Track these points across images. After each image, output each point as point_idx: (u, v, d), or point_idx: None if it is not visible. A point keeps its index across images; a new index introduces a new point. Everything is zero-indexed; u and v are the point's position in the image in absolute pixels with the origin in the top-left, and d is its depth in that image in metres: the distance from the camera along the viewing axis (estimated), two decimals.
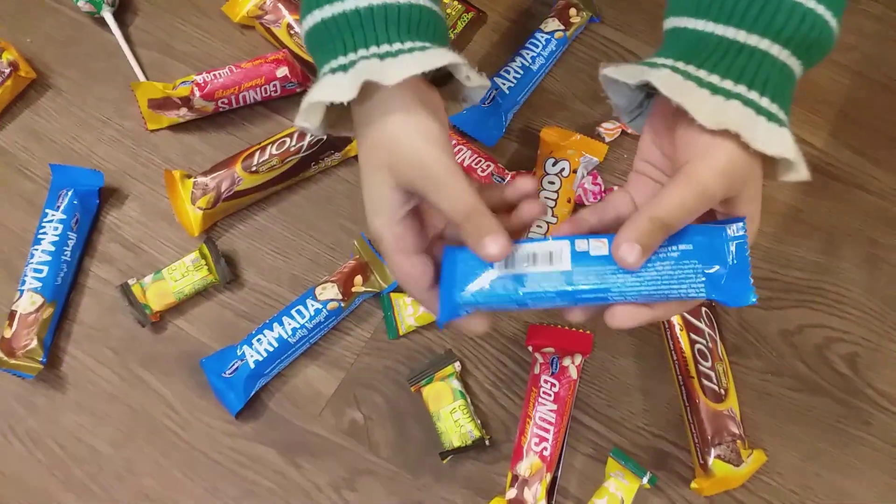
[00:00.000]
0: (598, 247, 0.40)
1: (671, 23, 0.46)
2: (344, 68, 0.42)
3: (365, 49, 0.43)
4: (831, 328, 0.69)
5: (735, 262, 0.39)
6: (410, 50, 0.42)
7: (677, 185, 0.40)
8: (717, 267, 0.39)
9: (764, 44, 0.41)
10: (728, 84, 0.40)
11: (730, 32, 0.42)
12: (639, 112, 0.50)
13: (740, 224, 0.40)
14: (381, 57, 0.42)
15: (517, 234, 0.44)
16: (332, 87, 0.42)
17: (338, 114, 0.46)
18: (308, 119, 0.43)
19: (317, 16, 0.45)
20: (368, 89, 0.42)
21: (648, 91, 0.47)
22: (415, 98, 0.42)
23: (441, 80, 0.48)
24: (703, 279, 0.39)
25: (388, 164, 0.42)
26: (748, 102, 0.40)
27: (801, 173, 0.41)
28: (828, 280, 0.71)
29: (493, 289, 0.40)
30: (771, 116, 0.40)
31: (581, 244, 0.41)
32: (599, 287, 0.39)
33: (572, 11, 0.77)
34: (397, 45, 0.42)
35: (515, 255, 0.41)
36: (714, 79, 0.41)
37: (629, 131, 0.74)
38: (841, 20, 0.43)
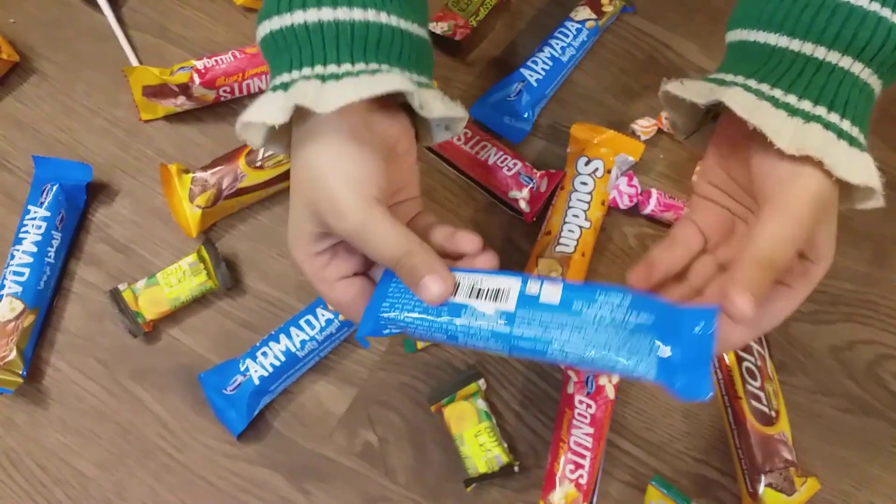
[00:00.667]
0: (550, 292, 0.36)
1: (736, 35, 0.42)
2: (284, 87, 0.38)
3: (310, 68, 0.38)
4: (883, 344, 0.64)
5: (697, 350, 0.34)
6: (358, 73, 0.38)
7: (772, 218, 0.36)
8: (670, 351, 0.34)
9: (845, 62, 0.38)
10: (806, 105, 0.37)
11: (807, 48, 0.38)
12: (696, 129, 0.46)
13: (712, 312, 0.35)
14: (324, 79, 0.38)
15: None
16: (267, 107, 0.38)
17: (281, 128, 0.41)
18: (247, 135, 0.40)
19: (266, 27, 0.41)
20: (305, 111, 0.37)
21: (709, 108, 0.43)
22: (351, 131, 0.38)
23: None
24: (656, 359, 0.34)
25: (309, 201, 0.39)
26: (829, 126, 0.37)
27: (879, 201, 0.39)
28: (878, 292, 0.66)
29: (424, 315, 0.37)
30: (852, 141, 0.37)
31: (533, 286, 0.37)
32: (540, 338, 0.35)
33: (604, 0, 0.71)
34: (346, 67, 0.38)
35: (461, 283, 0.38)
36: (791, 99, 0.38)
37: (666, 129, 0.68)
38: None
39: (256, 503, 0.59)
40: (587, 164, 0.65)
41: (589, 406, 0.58)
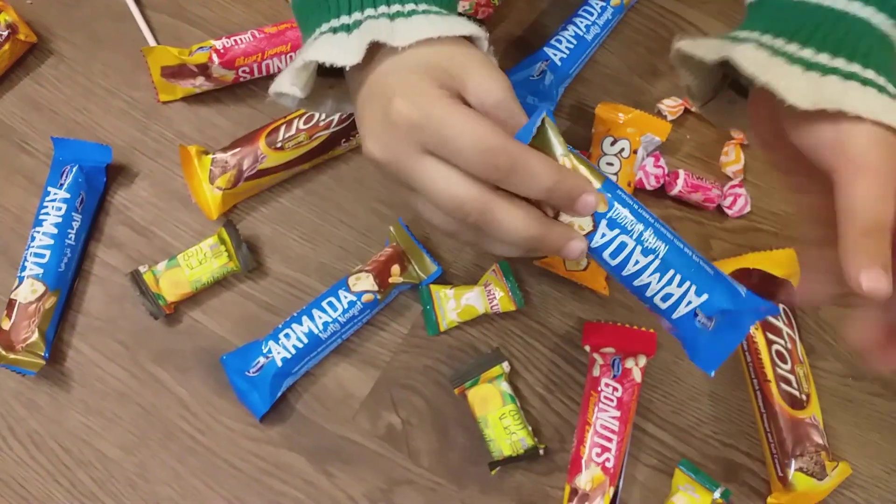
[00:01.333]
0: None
1: None
2: (347, 28, 0.36)
3: (373, 8, 0.37)
4: None
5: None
6: (426, 12, 0.37)
7: (849, 185, 0.33)
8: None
9: (867, 11, 0.36)
10: (823, 58, 0.35)
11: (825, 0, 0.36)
12: (712, 97, 0.44)
13: (767, 307, 0.37)
14: (391, 17, 0.36)
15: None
16: (334, 48, 0.36)
17: (317, 84, 0.40)
18: (296, 81, 0.38)
19: None
20: (373, 55, 0.36)
21: (726, 73, 0.41)
22: (436, 56, 0.36)
23: None
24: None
25: (425, 62, 0.36)
26: (849, 76, 0.34)
27: None
28: None
29: None
30: (881, 89, 0.34)
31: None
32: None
33: None
34: (410, 6, 0.37)
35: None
36: (806, 53, 0.35)
37: (693, 109, 0.67)
38: None
39: (280, 486, 0.59)
40: (613, 144, 0.64)
41: (615, 389, 0.58)
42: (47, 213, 0.62)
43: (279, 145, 0.63)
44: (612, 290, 0.63)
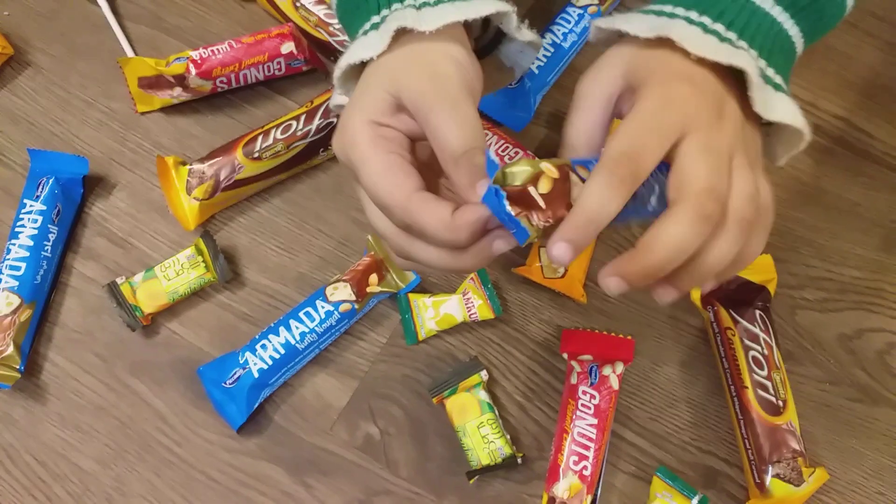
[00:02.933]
0: None
1: None
2: (376, 26, 0.39)
3: (399, 3, 0.39)
4: (893, 332, 0.63)
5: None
6: (451, 0, 0.38)
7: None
8: None
9: None
10: (680, 10, 0.37)
11: None
12: None
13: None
14: (418, 7, 0.38)
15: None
16: (362, 47, 0.38)
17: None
18: (342, 90, 0.40)
19: None
20: (402, 42, 0.37)
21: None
22: (457, 45, 0.38)
23: (480, 52, 0.42)
24: None
25: (392, 70, 0.37)
26: (692, 22, 0.37)
27: (794, 118, 0.36)
28: (888, 279, 0.64)
29: None
30: (710, 31, 0.36)
31: None
32: None
33: None
34: None
35: None
36: (679, 10, 0.38)
37: None
38: None
39: (258, 497, 0.58)
40: None
41: (593, 397, 0.58)
42: (23, 226, 0.61)
43: (256, 155, 0.63)
44: (590, 297, 0.63)
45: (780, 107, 0.36)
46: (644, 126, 0.34)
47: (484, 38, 0.47)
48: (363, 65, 0.40)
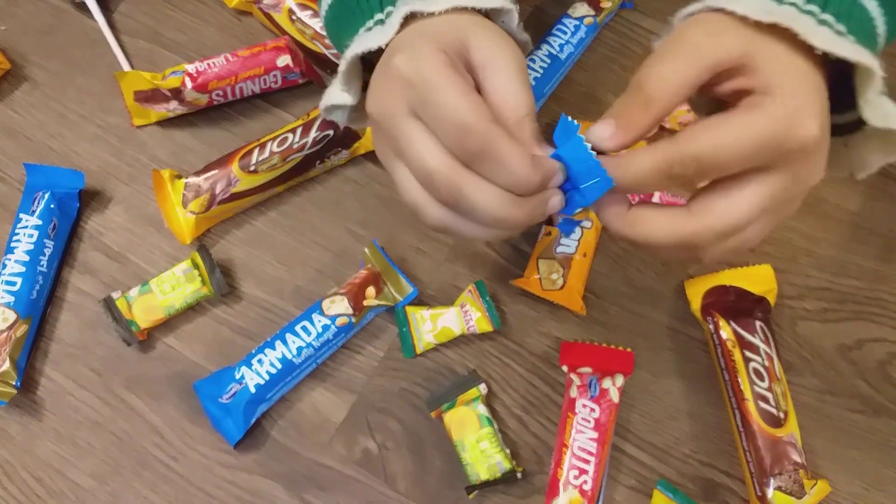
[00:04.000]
0: None
1: None
2: (381, 22, 0.38)
3: None
4: (894, 342, 0.62)
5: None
6: None
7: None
8: None
9: None
10: (799, 1, 0.35)
11: None
12: None
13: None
14: None
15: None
16: (370, 37, 0.37)
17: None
18: (345, 86, 0.38)
19: None
20: (410, 29, 0.36)
21: None
22: (447, 24, 0.37)
23: None
24: None
25: (447, 30, 0.36)
26: (794, 6, 0.34)
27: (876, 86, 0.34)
28: (887, 289, 0.64)
29: None
30: (823, 23, 0.34)
31: None
32: None
33: None
34: None
35: None
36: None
37: (667, 126, 0.67)
38: None
39: None
40: None
41: (592, 410, 0.57)
42: (19, 240, 0.61)
43: (253, 168, 0.63)
44: (590, 309, 0.63)
45: (892, 111, 0.34)
46: (741, 146, 0.32)
47: None
48: (366, 64, 0.39)
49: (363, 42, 0.38)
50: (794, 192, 0.35)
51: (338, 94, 0.39)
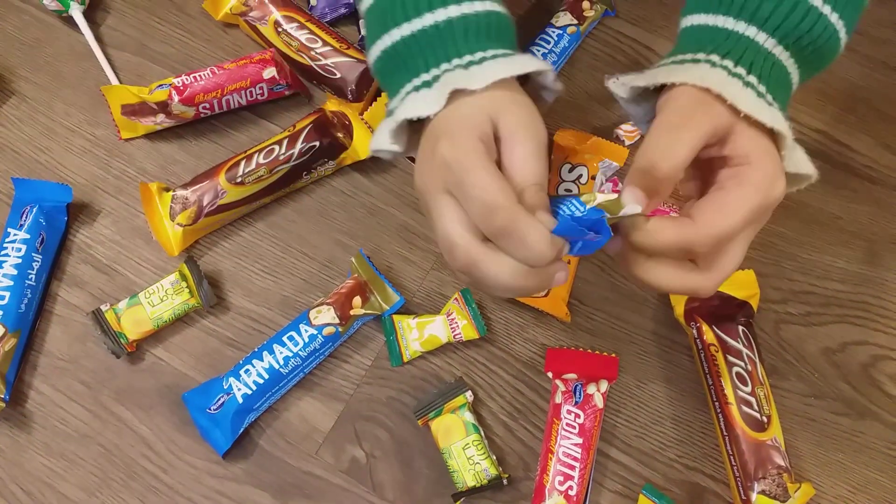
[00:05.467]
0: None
1: (686, 21, 0.46)
2: (428, 84, 0.41)
3: (447, 63, 0.42)
4: (876, 345, 0.63)
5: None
6: (494, 57, 0.41)
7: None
8: None
9: (750, 31, 0.41)
10: (715, 58, 0.41)
11: (726, 22, 0.42)
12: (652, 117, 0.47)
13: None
14: (466, 67, 0.41)
15: None
16: (419, 103, 0.41)
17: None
18: (395, 141, 0.42)
19: (394, 35, 0.43)
20: (453, 100, 0.40)
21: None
22: (485, 102, 0.40)
23: None
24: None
25: (494, 101, 0.40)
26: (726, 69, 0.40)
27: (802, 165, 0.41)
28: (871, 292, 0.65)
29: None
30: (748, 84, 0.40)
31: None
32: None
33: (585, 5, 0.71)
34: (479, 55, 0.42)
35: None
36: (714, 57, 0.41)
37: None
38: (852, 19, 0.43)
39: None
40: (571, 170, 0.64)
41: (577, 416, 0.58)
42: (7, 255, 0.62)
43: (239, 180, 0.63)
44: (574, 315, 0.63)
45: (799, 159, 0.41)
46: (742, 218, 0.38)
47: None
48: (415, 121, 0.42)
49: (412, 107, 0.41)
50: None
51: (387, 144, 0.43)
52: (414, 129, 0.44)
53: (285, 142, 0.64)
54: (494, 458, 0.58)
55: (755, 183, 0.38)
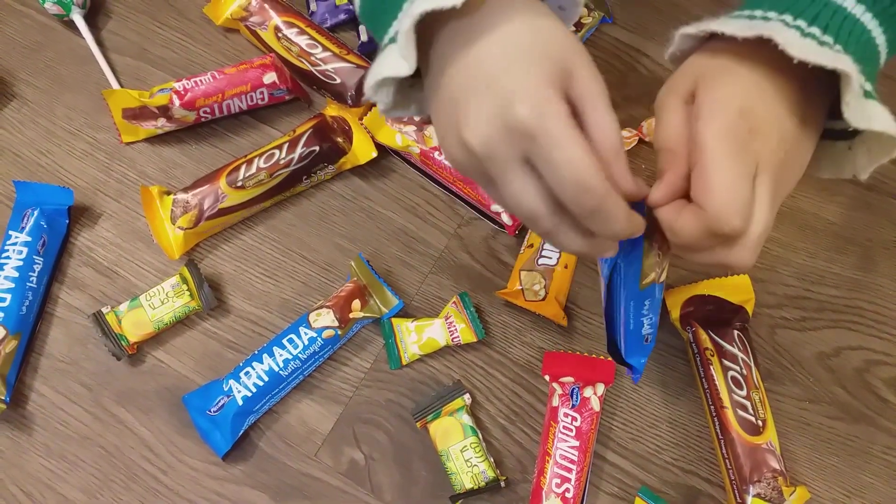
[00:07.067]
0: None
1: None
2: None
3: None
4: (871, 350, 0.64)
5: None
6: None
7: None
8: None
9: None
10: (772, 14, 0.38)
11: None
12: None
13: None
14: None
15: None
16: None
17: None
18: (405, 51, 0.35)
19: None
20: (464, 37, 0.35)
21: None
22: (542, 41, 0.36)
23: None
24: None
25: (563, 49, 0.35)
26: (783, 22, 0.37)
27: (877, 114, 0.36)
28: (865, 298, 0.65)
29: None
30: (808, 35, 0.36)
31: None
32: None
33: (583, 12, 0.71)
34: None
35: None
36: (770, 14, 0.38)
37: (647, 139, 0.68)
38: None
39: None
40: None
41: (574, 419, 0.58)
42: (8, 257, 0.62)
43: (240, 184, 0.64)
44: (572, 319, 0.64)
45: (877, 115, 0.36)
46: (719, 149, 0.36)
47: None
48: (425, 25, 0.36)
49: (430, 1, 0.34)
50: (776, 154, 0.37)
51: (393, 62, 0.36)
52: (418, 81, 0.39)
53: (285, 146, 0.65)
54: (492, 460, 0.59)
55: (708, 110, 0.36)
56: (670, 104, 0.38)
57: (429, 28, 0.37)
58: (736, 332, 0.60)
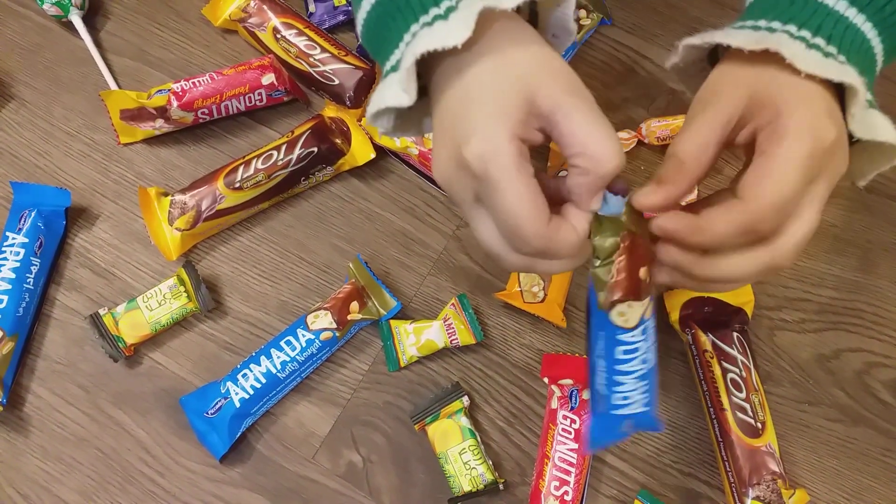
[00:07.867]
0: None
1: None
2: (443, 16, 0.35)
3: None
4: (871, 352, 0.63)
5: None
6: None
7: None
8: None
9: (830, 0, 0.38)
10: (776, 24, 0.37)
11: None
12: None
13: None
14: None
15: None
16: (439, 35, 0.35)
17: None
18: (407, 86, 0.36)
19: None
20: (488, 32, 0.36)
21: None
22: (527, 73, 0.36)
23: None
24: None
25: (525, 74, 0.35)
26: (787, 33, 0.37)
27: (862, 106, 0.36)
28: (864, 300, 0.65)
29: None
30: (813, 46, 0.36)
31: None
32: None
33: (582, 13, 0.71)
34: None
35: None
36: (775, 24, 0.38)
37: (646, 141, 0.68)
38: None
39: None
40: None
41: (573, 421, 0.58)
42: (5, 258, 0.62)
43: (238, 185, 0.64)
44: (570, 320, 0.64)
45: (879, 125, 0.36)
46: (796, 175, 0.34)
47: None
48: (426, 60, 0.37)
49: (432, 38, 0.35)
50: (820, 159, 0.36)
51: (395, 94, 0.36)
52: (420, 102, 0.39)
53: (283, 147, 0.65)
54: (491, 462, 0.59)
55: (794, 131, 0.34)
56: (708, 120, 0.37)
57: (431, 57, 0.37)
58: (735, 334, 0.60)
